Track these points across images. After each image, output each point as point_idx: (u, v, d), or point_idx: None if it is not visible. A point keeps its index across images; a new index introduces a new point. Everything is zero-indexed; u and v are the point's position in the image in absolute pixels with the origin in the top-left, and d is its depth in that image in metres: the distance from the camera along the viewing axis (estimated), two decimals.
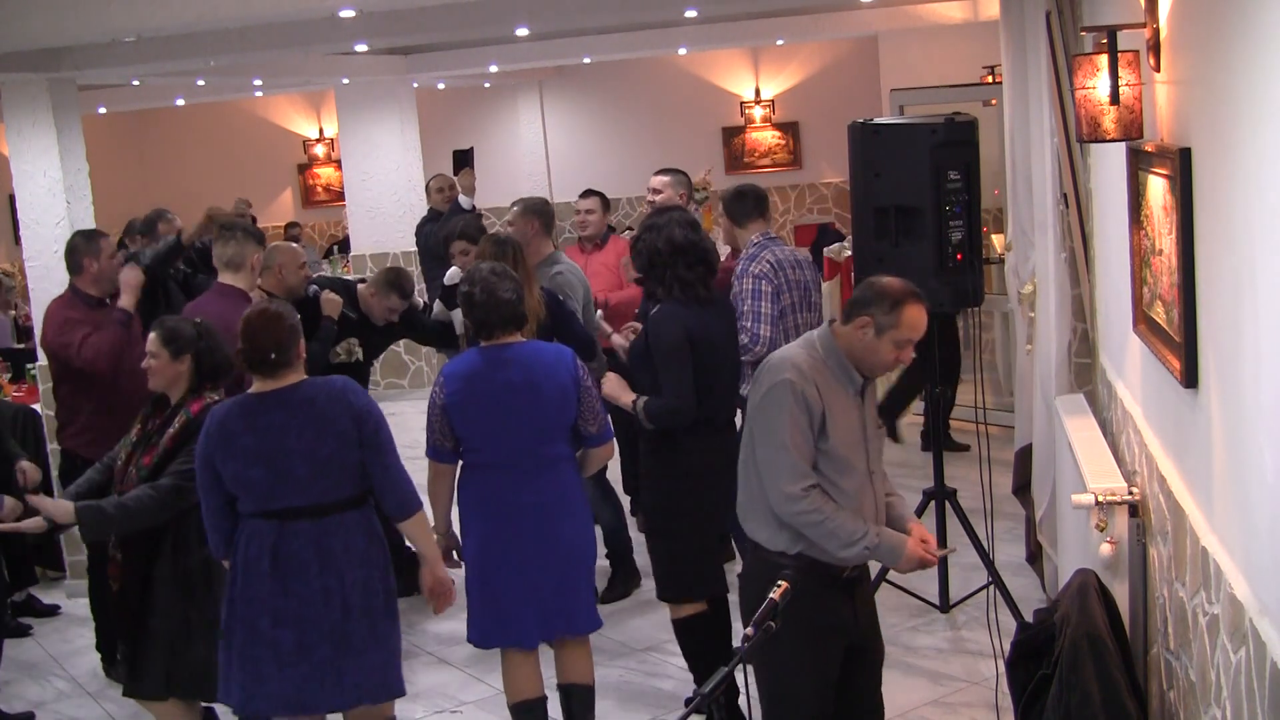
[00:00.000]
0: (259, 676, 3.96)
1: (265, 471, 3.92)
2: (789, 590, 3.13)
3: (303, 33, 6.88)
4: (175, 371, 4.37)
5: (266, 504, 3.95)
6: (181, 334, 4.40)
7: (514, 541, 4.31)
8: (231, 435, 3.94)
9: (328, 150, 15.51)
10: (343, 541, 4.00)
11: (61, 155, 6.87)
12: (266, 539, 3.95)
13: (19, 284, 10.40)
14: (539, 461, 4.32)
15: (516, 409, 4.27)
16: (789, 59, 14.16)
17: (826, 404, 3.58)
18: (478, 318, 4.31)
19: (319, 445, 3.94)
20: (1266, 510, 2.36)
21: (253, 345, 3.95)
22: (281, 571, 3.94)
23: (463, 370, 4.32)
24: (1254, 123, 2.32)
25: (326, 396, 4.00)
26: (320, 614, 3.95)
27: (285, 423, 3.94)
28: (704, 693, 2.76)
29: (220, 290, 5.47)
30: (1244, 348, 2.49)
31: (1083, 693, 3.35)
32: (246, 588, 3.96)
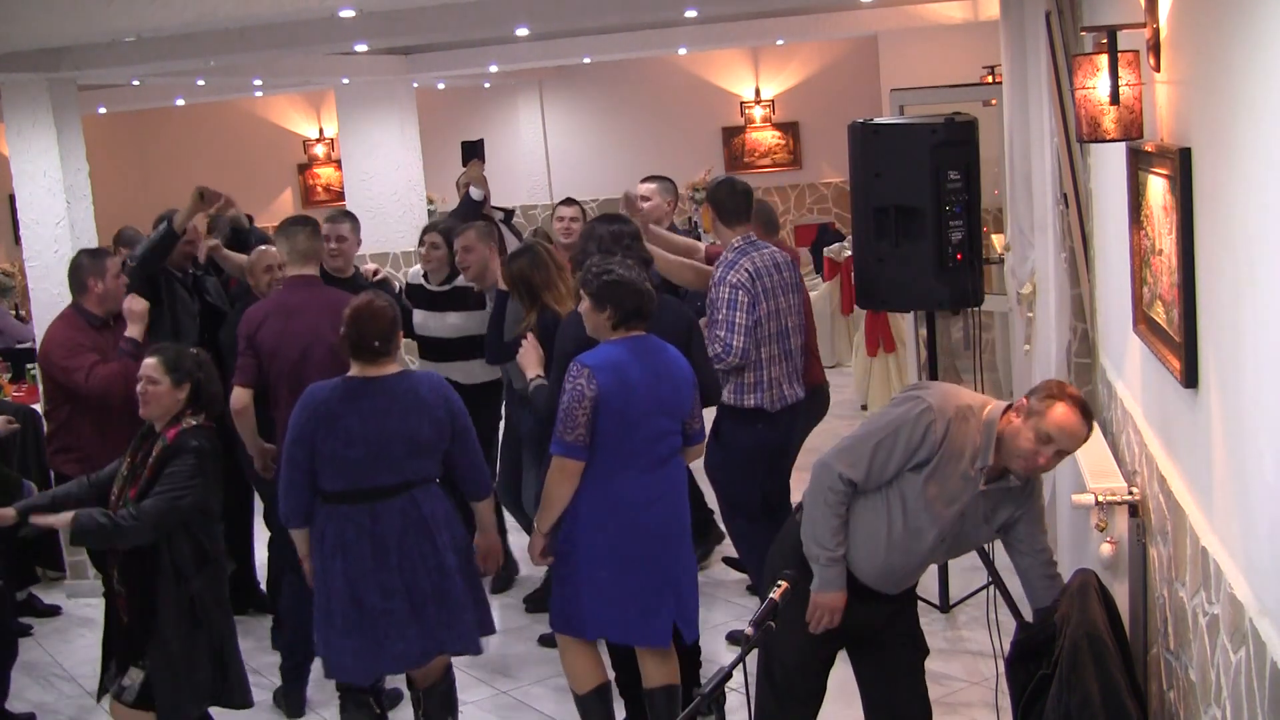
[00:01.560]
0: (377, 645, 4.26)
1: (364, 451, 4.21)
2: (789, 590, 3.14)
3: (303, 33, 6.88)
4: (174, 400, 4.35)
5: (358, 481, 4.23)
6: (184, 363, 4.40)
7: (657, 534, 4.31)
8: (336, 416, 4.22)
9: (328, 150, 15.51)
10: (430, 508, 4.31)
11: (61, 155, 6.87)
12: (362, 521, 4.24)
13: (19, 284, 10.40)
14: (670, 451, 4.35)
15: (662, 398, 4.27)
16: (789, 59, 14.16)
17: (947, 453, 3.53)
18: (628, 306, 4.24)
19: (418, 429, 4.26)
20: (1266, 510, 2.36)
21: (360, 333, 4.25)
22: (380, 547, 4.24)
23: (611, 359, 4.22)
24: (1254, 123, 2.32)
25: (428, 387, 4.34)
26: (422, 579, 4.27)
27: (388, 406, 4.24)
28: (704, 693, 2.77)
29: (301, 282, 5.31)
30: (1244, 348, 2.49)
31: (1083, 693, 3.34)
32: (348, 568, 4.24)
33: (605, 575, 4.29)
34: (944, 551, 3.75)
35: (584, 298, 4.31)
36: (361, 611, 4.25)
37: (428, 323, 6.31)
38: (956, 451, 3.52)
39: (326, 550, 4.28)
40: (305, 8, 5.19)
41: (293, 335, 5.12)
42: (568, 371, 4.23)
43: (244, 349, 5.19)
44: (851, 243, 5.61)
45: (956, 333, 9.32)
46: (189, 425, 4.34)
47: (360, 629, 4.26)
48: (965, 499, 3.56)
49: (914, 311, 7.63)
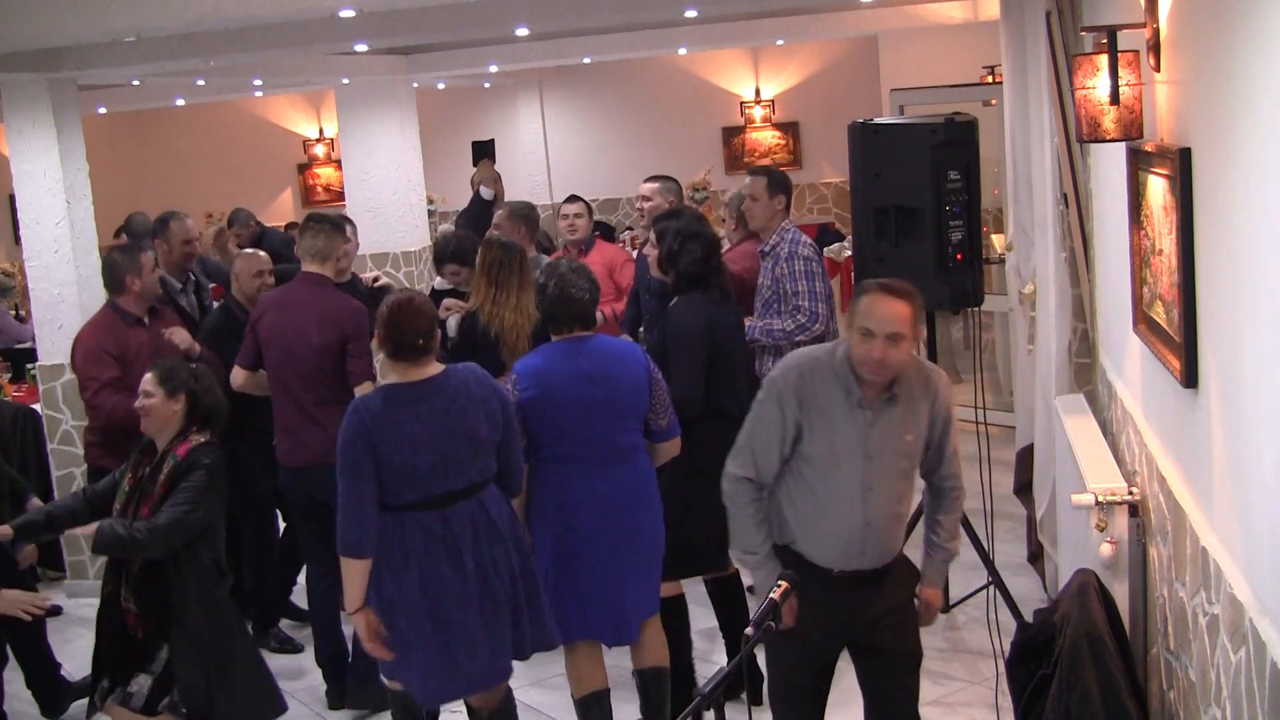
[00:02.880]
0: (452, 662, 4.06)
1: (433, 457, 4.01)
2: (789, 590, 3.14)
3: (303, 33, 6.88)
4: (170, 412, 4.41)
5: (429, 490, 4.02)
6: (177, 374, 4.48)
7: (595, 534, 4.34)
8: (398, 425, 3.98)
9: (328, 150, 15.52)
10: (496, 510, 4.15)
11: (61, 155, 6.87)
12: (433, 530, 4.03)
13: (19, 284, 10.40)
14: (614, 452, 4.37)
15: (592, 399, 4.31)
16: (789, 59, 14.16)
17: (811, 412, 3.61)
18: (549, 310, 4.41)
19: (477, 427, 4.09)
20: (1266, 510, 2.36)
21: (402, 331, 4.04)
22: (454, 556, 4.04)
23: (535, 365, 4.36)
24: (1254, 123, 2.32)
25: (476, 381, 4.16)
26: (495, 585, 4.09)
27: (448, 408, 4.06)
28: (704, 693, 2.77)
29: (309, 279, 5.35)
30: (1244, 348, 2.49)
31: (1083, 692, 3.35)
32: (421, 577, 4.02)
33: (550, 572, 4.37)
34: (879, 502, 3.64)
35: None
36: (438, 627, 4.05)
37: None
38: (823, 402, 3.60)
39: (395, 562, 4.03)
40: (305, 8, 5.19)
41: (284, 330, 5.21)
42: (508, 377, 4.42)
43: (249, 332, 5.37)
44: (851, 243, 5.61)
45: (956, 333, 9.33)
46: (198, 442, 4.41)
47: (439, 648, 4.06)
48: (862, 438, 3.60)
49: None
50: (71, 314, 6.87)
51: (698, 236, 4.84)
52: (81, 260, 6.95)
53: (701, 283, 4.84)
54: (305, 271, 5.37)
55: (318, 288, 5.30)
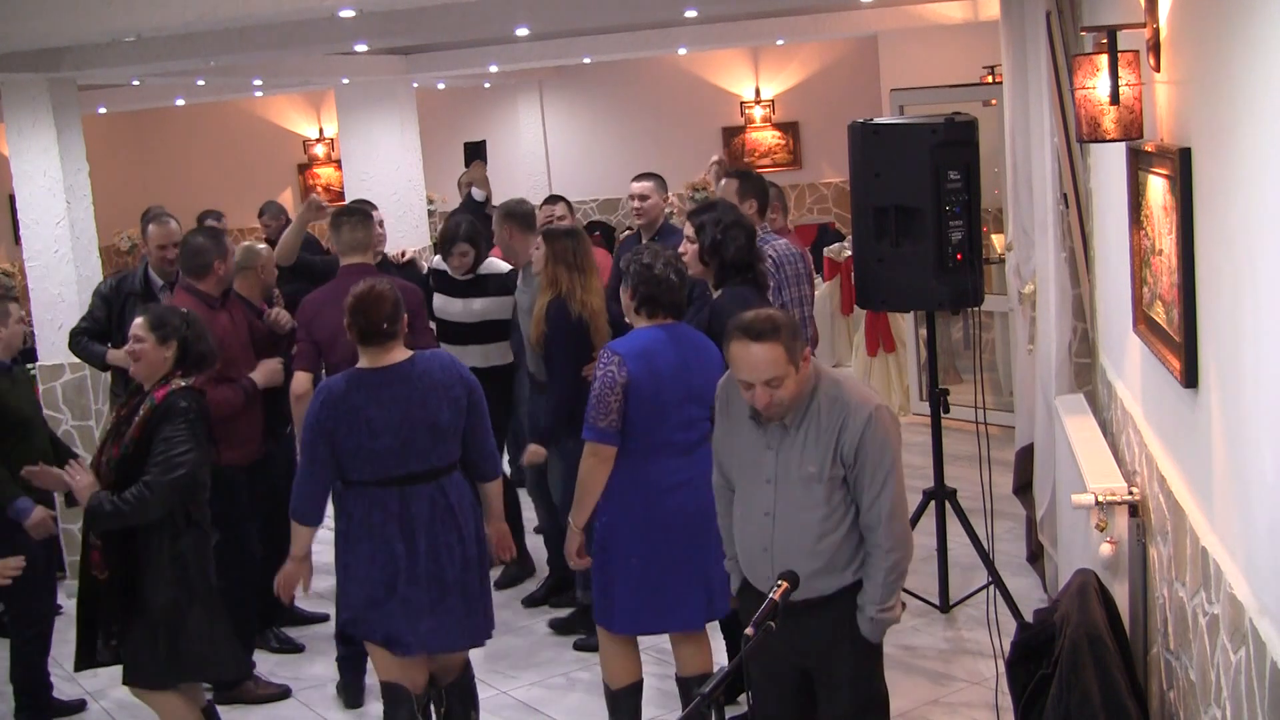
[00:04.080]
0: (396, 632, 4.28)
1: (392, 441, 4.20)
2: (789, 590, 3.14)
3: (303, 33, 6.88)
4: (160, 357, 4.39)
5: (388, 471, 4.23)
6: (168, 320, 4.44)
7: (685, 520, 4.31)
8: (355, 409, 4.20)
9: (328, 150, 15.52)
10: (457, 498, 4.34)
11: (61, 155, 6.87)
12: (391, 505, 4.24)
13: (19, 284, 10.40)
14: (698, 439, 4.33)
15: (690, 386, 4.30)
16: (789, 59, 14.16)
17: (730, 419, 3.64)
18: (650, 294, 4.32)
19: (438, 413, 4.27)
20: (1266, 510, 2.36)
21: (367, 318, 4.24)
22: (408, 533, 4.24)
23: (640, 348, 4.28)
24: (1254, 123, 2.32)
25: (440, 368, 4.34)
26: (446, 568, 4.28)
27: (409, 394, 4.24)
28: (704, 693, 2.77)
29: (356, 270, 5.41)
30: (1244, 348, 2.49)
31: (1083, 692, 3.35)
32: (374, 552, 4.24)
33: (636, 561, 4.31)
34: (780, 530, 3.52)
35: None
36: (387, 595, 4.26)
37: (449, 307, 6.32)
38: (735, 412, 3.61)
39: (354, 532, 4.28)
40: (305, 8, 5.19)
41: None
42: (600, 355, 4.32)
43: (302, 336, 5.42)
44: (851, 243, 5.61)
45: (956, 333, 9.33)
46: (177, 386, 4.36)
47: (382, 612, 4.27)
48: (761, 460, 3.53)
49: (914, 311, 7.64)
50: (71, 314, 6.86)
51: (738, 224, 4.74)
52: (81, 260, 6.95)
53: (748, 270, 4.75)
54: (350, 264, 5.48)
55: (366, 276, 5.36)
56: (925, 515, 5.55)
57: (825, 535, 3.49)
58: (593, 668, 5.49)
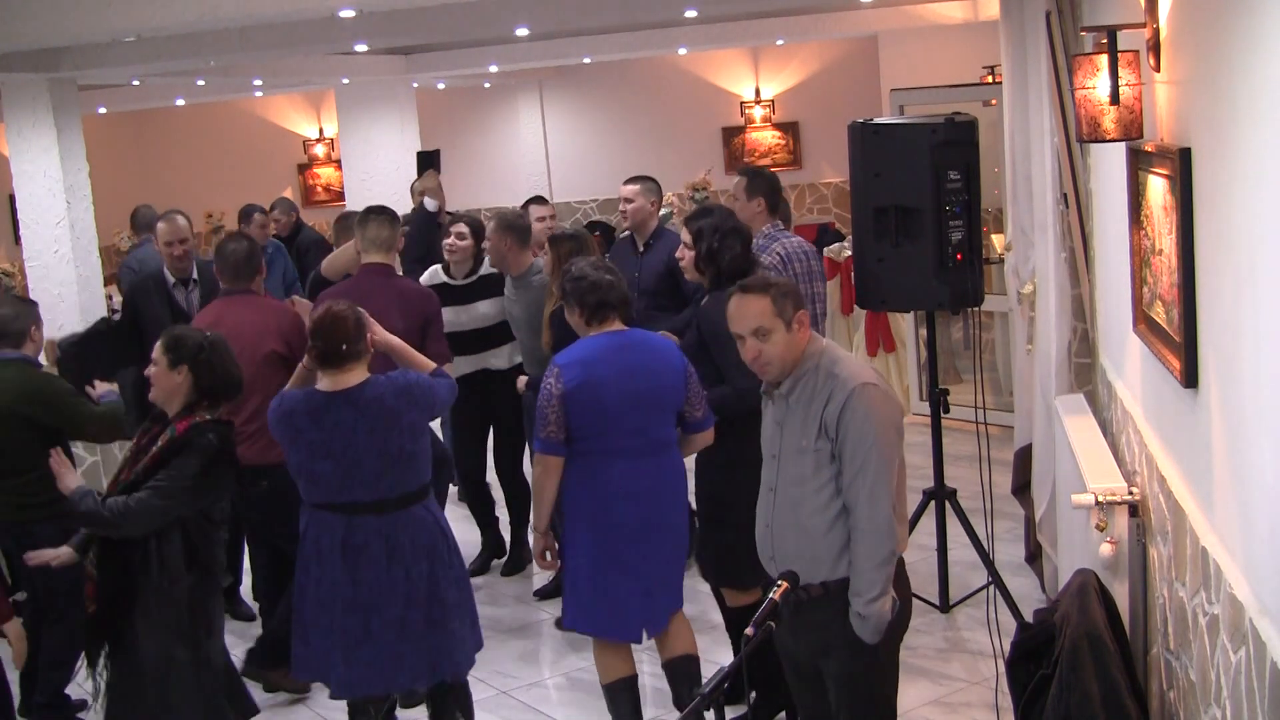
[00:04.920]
0: (327, 661, 4.27)
1: (333, 466, 4.16)
2: (789, 590, 3.14)
3: (303, 33, 6.88)
4: (171, 383, 4.18)
5: (334, 496, 4.21)
6: (183, 344, 4.21)
7: (633, 528, 4.36)
8: (299, 430, 4.18)
9: (328, 150, 15.51)
10: (410, 536, 4.25)
11: (61, 155, 6.87)
12: (337, 532, 4.21)
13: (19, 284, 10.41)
14: (651, 445, 4.39)
15: (636, 393, 4.33)
16: (789, 59, 14.15)
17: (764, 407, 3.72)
18: (585, 302, 4.38)
19: (388, 442, 4.18)
20: (1266, 510, 2.36)
21: (326, 341, 4.16)
22: (351, 562, 4.20)
23: (579, 357, 4.34)
24: (1254, 123, 2.32)
25: (393, 393, 4.22)
26: (385, 603, 4.21)
27: (354, 421, 4.15)
28: (704, 693, 2.77)
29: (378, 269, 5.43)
30: (1244, 348, 2.49)
31: (1083, 693, 3.35)
32: (321, 576, 4.24)
33: (585, 566, 4.40)
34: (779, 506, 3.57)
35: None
36: (324, 621, 4.26)
37: (458, 318, 6.29)
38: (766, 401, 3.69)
39: (306, 551, 4.30)
40: (305, 8, 5.19)
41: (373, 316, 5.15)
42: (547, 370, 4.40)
43: None
44: (851, 243, 5.61)
45: (956, 333, 9.32)
46: (202, 419, 4.14)
47: (321, 636, 4.27)
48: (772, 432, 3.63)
49: (914, 311, 7.64)
50: (71, 314, 6.87)
51: (735, 231, 4.77)
52: (81, 260, 6.95)
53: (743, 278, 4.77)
54: (372, 262, 5.46)
55: (390, 277, 5.41)
56: (925, 515, 5.56)
57: (814, 512, 3.49)
58: (593, 668, 5.49)
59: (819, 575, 3.49)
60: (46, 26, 5.39)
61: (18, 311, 5.20)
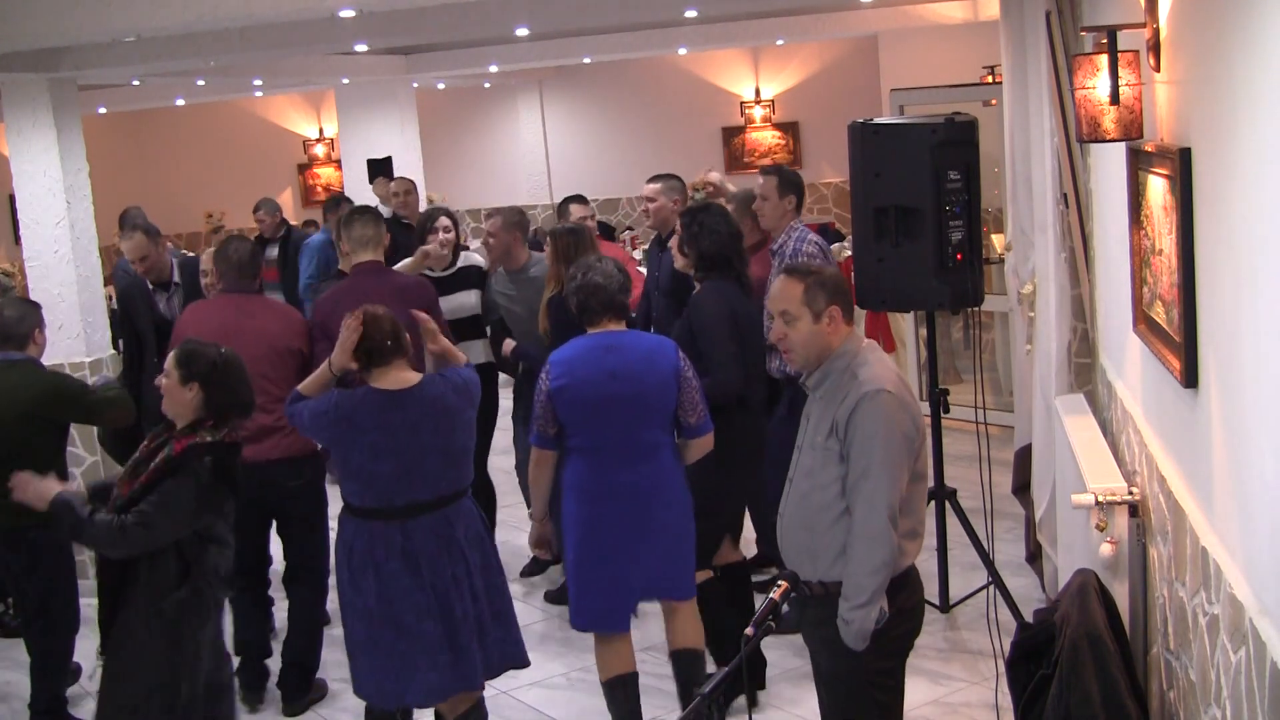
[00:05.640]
0: (410, 670, 4.15)
1: (394, 465, 4.10)
2: (789, 590, 3.14)
3: (303, 33, 6.88)
4: (183, 398, 4.07)
5: (392, 499, 4.12)
6: (196, 360, 4.10)
7: (616, 525, 4.41)
8: (361, 430, 4.10)
9: (328, 150, 15.52)
10: (462, 527, 4.23)
11: (61, 155, 6.86)
12: (394, 541, 4.13)
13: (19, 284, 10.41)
14: (637, 447, 4.43)
15: (617, 395, 4.37)
16: (789, 59, 14.15)
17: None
18: (580, 302, 4.46)
19: (452, 440, 4.19)
20: (1266, 510, 2.36)
21: (369, 337, 4.14)
22: (414, 567, 4.13)
23: (567, 356, 4.43)
24: (1254, 123, 2.32)
25: (455, 391, 4.23)
26: (455, 601, 4.17)
27: (418, 420, 4.12)
28: (704, 693, 2.77)
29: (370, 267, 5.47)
30: (1244, 348, 2.49)
31: (1083, 693, 3.34)
32: (382, 590, 4.13)
33: (572, 560, 4.48)
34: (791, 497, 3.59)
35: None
36: (397, 632, 4.14)
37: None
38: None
39: (356, 565, 4.17)
40: (305, 8, 5.19)
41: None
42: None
43: (320, 336, 5.33)
44: (851, 243, 5.61)
45: (956, 333, 9.32)
46: (203, 440, 4.03)
47: (395, 651, 4.15)
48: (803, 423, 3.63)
49: (914, 311, 7.64)
50: (71, 314, 6.87)
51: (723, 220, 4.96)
52: (81, 260, 6.95)
53: (725, 264, 4.92)
54: (364, 261, 5.48)
55: (381, 273, 5.43)
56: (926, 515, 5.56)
57: (819, 509, 3.49)
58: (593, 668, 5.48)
59: (818, 573, 3.49)
60: (46, 26, 5.38)
61: (22, 314, 5.22)
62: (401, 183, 8.81)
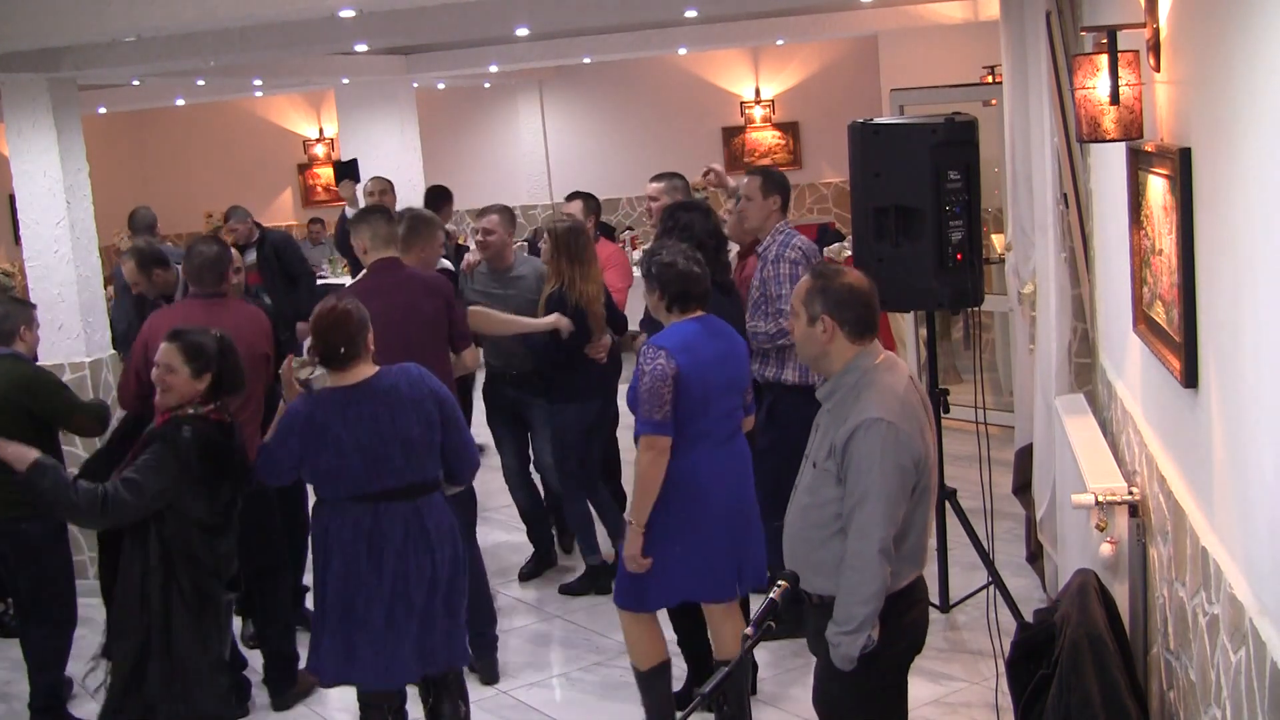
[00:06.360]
0: (351, 653, 4.23)
1: (361, 459, 4.15)
2: (788, 590, 3.14)
3: (303, 33, 6.88)
4: (193, 390, 4.13)
5: (362, 488, 4.18)
6: (206, 350, 4.16)
7: (724, 507, 4.41)
8: (324, 429, 4.14)
9: (328, 150, 15.51)
10: (434, 520, 4.27)
11: (61, 155, 6.86)
12: (363, 522, 4.18)
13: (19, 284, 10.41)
14: (735, 428, 4.49)
15: (730, 377, 4.43)
16: (789, 59, 14.15)
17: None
18: (680, 289, 4.39)
19: (408, 429, 4.20)
20: (1266, 510, 2.36)
21: (325, 342, 4.14)
22: (376, 552, 4.17)
23: (683, 341, 4.36)
24: (1254, 123, 2.32)
25: (409, 382, 4.26)
26: (411, 592, 4.20)
27: (375, 412, 4.17)
28: (704, 693, 2.77)
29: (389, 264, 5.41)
30: (1244, 348, 2.49)
31: (1083, 693, 3.34)
32: (343, 568, 4.19)
33: (678, 551, 4.38)
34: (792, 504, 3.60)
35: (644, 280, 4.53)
36: (348, 617, 4.22)
37: None
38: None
39: (327, 545, 4.25)
40: (305, 8, 5.19)
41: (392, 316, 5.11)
42: (642, 352, 4.36)
43: None
44: (851, 243, 5.61)
45: (956, 333, 9.33)
46: (184, 413, 4.09)
47: (342, 633, 4.23)
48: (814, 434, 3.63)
49: (914, 311, 7.64)
50: (71, 314, 6.87)
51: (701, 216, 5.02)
52: (81, 260, 6.95)
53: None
54: (384, 258, 5.40)
55: (401, 269, 5.42)
56: None
57: (815, 525, 3.49)
58: (594, 668, 5.50)
59: (813, 585, 3.49)
60: (46, 26, 5.38)
61: (7, 311, 5.29)
62: (377, 183, 8.73)
